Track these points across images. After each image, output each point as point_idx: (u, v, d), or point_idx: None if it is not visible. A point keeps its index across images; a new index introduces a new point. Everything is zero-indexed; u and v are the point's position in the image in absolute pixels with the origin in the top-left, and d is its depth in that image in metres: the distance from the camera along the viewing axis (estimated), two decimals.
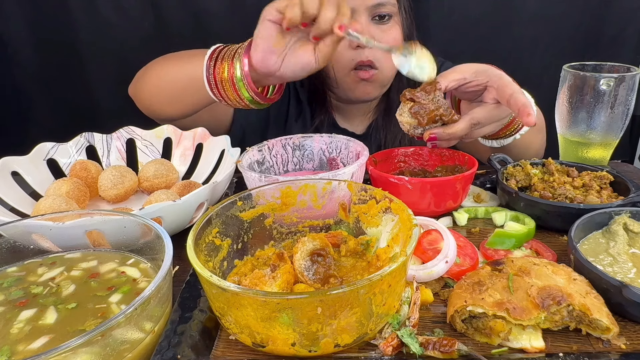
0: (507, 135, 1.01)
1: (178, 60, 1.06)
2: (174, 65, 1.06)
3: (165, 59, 1.11)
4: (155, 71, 1.11)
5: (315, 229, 0.78)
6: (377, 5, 1.13)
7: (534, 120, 0.79)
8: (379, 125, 1.34)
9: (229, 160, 0.99)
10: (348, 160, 1.00)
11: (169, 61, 1.09)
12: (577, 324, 0.59)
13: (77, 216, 0.71)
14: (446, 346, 0.56)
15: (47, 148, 1.04)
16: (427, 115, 0.84)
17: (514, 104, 0.81)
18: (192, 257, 0.57)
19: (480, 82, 0.88)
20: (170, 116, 1.13)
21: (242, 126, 1.31)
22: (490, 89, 0.87)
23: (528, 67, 1.70)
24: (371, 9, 1.13)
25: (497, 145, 1.04)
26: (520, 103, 0.80)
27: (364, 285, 0.51)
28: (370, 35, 1.11)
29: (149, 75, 1.13)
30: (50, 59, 1.60)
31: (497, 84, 0.85)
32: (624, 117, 1.03)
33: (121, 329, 0.52)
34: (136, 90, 1.16)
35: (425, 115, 0.85)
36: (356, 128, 1.38)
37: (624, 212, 0.76)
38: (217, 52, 0.94)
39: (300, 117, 1.36)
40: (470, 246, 0.76)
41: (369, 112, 1.37)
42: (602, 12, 1.64)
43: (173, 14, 1.57)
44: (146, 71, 1.14)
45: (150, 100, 1.12)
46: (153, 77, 1.11)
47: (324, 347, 0.54)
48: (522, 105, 0.80)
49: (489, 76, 0.87)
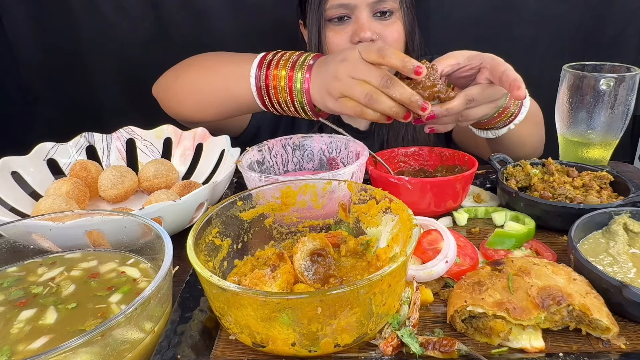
0: (501, 125, 1.00)
1: (215, 68, 1.04)
2: (211, 72, 1.04)
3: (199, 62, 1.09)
4: (190, 77, 1.09)
5: (315, 229, 0.78)
6: (378, 1, 1.13)
7: (524, 93, 0.81)
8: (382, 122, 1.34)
9: (229, 160, 0.99)
10: (348, 160, 1.00)
11: (204, 67, 1.07)
12: (577, 324, 0.59)
13: (77, 216, 0.71)
14: (446, 346, 0.56)
15: (47, 148, 1.04)
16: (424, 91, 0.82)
17: (505, 80, 0.83)
18: (192, 257, 0.57)
19: (474, 65, 0.89)
20: (201, 120, 1.12)
21: (257, 123, 1.31)
22: (483, 70, 0.88)
23: (528, 67, 1.69)
24: (372, 5, 1.14)
25: (492, 136, 1.04)
26: (512, 78, 0.82)
27: (364, 285, 0.51)
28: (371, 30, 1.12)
29: (181, 81, 1.11)
30: (51, 59, 1.61)
31: (490, 64, 0.87)
32: (624, 117, 1.03)
33: (121, 329, 0.52)
34: (165, 94, 1.15)
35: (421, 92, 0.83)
36: (359, 124, 1.38)
37: (624, 212, 0.76)
38: (268, 58, 0.94)
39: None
40: (470, 246, 0.76)
41: None
42: (602, 12, 1.64)
43: (174, 14, 1.57)
44: (178, 76, 1.12)
45: (182, 105, 1.11)
46: (186, 83, 1.09)
47: (324, 347, 0.54)
48: (513, 80, 0.82)
49: (482, 58, 0.88)
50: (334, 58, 0.86)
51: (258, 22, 1.57)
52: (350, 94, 0.83)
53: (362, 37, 1.12)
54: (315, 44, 1.19)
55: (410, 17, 1.22)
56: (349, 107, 0.84)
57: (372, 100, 0.81)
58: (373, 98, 0.80)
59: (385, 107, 0.81)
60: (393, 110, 0.81)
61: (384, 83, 0.80)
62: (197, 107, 1.09)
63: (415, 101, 0.80)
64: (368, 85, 0.81)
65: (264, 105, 0.97)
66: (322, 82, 0.87)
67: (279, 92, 0.92)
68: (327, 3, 1.15)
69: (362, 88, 0.81)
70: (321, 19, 1.17)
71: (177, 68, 1.13)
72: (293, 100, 0.92)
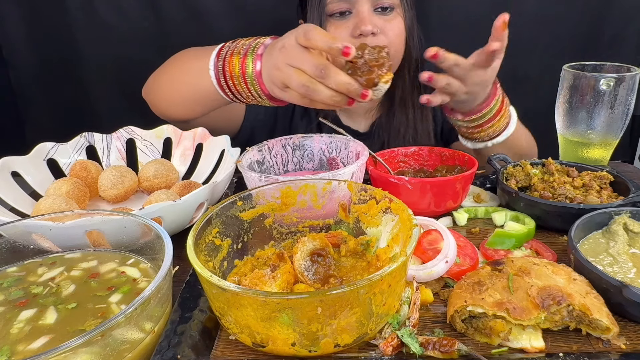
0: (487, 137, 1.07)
1: (187, 62, 1.04)
2: (181, 69, 1.04)
3: (175, 60, 1.10)
4: (167, 75, 1.10)
5: (315, 229, 0.78)
6: None
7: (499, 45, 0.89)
8: (382, 124, 1.34)
9: (229, 160, 0.99)
10: (348, 160, 1.00)
11: (179, 63, 1.08)
12: (577, 324, 0.59)
13: (77, 216, 0.71)
14: (446, 346, 0.56)
15: (47, 148, 1.04)
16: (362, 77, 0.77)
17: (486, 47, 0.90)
18: (192, 257, 0.57)
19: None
20: (186, 118, 1.12)
21: (252, 124, 1.31)
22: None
23: (528, 67, 1.70)
24: (373, 0, 1.14)
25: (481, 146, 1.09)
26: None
27: (364, 285, 0.51)
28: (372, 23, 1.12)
29: (160, 80, 1.12)
30: (50, 59, 1.60)
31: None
32: (624, 117, 1.03)
33: (121, 329, 0.52)
34: (150, 95, 1.16)
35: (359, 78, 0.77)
36: (359, 126, 1.38)
37: (624, 212, 0.76)
38: (225, 49, 0.92)
39: (305, 114, 1.36)
40: (470, 246, 0.76)
41: (371, 109, 1.37)
42: (602, 12, 1.64)
43: (173, 14, 1.56)
44: (158, 75, 1.13)
45: (166, 104, 1.12)
46: (162, 82, 1.11)
47: (324, 347, 0.54)
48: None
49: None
50: (276, 44, 0.82)
51: (258, 22, 1.57)
52: (289, 84, 0.79)
53: (363, 30, 1.12)
54: None
55: (411, 14, 1.23)
56: (294, 98, 0.81)
57: (309, 91, 0.77)
58: (310, 89, 0.77)
59: (324, 97, 0.77)
60: (333, 99, 0.78)
61: (319, 73, 0.75)
62: (173, 104, 1.10)
63: (353, 90, 0.76)
64: (304, 74, 0.77)
65: (227, 96, 0.96)
66: (267, 70, 0.84)
67: (235, 80, 0.90)
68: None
69: (299, 78, 0.77)
70: (322, 14, 1.17)
71: (159, 68, 1.14)
72: (249, 88, 0.90)
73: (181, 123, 1.15)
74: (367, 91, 0.77)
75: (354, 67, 0.77)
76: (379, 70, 0.77)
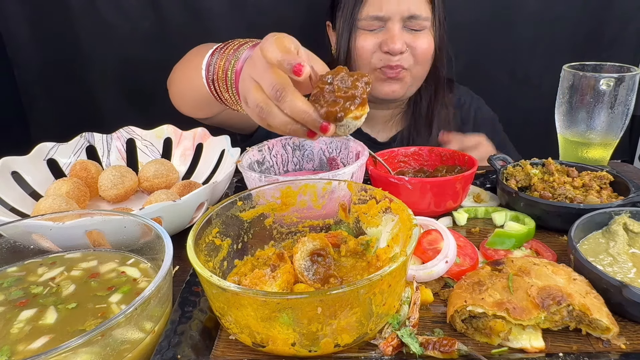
0: None
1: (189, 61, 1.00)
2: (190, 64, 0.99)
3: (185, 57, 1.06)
4: (176, 72, 1.08)
5: (315, 229, 0.78)
6: (411, 17, 1.15)
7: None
8: (403, 138, 1.34)
9: (229, 160, 0.99)
10: (348, 160, 1.00)
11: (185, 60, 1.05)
12: (577, 324, 0.59)
13: (77, 216, 0.71)
14: (446, 346, 0.56)
15: (47, 148, 1.04)
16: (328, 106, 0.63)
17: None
18: (192, 257, 0.57)
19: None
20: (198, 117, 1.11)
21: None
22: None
23: (528, 67, 1.70)
24: (405, 20, 1.15)
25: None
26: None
27: (364, 285, 0.51)
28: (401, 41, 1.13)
29: (173, 76, 1.10)
30: (50, 59, 1.60)
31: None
32: (624, 117, 1.03)
33: (121, 329, 0.52)
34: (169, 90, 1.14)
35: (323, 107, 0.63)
36: (377, 134, 1.37)
37: (624, 212, 0.76)
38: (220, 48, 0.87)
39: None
40: (470, 246, 0.77)
41: (391, 119, 1.36)
42: (602, 12, 1.64)
43: (173, 14, 1.57)
44: (174, 70, 1.11)
45: (178, 101, 1.11)
46: (174, 78, 1.09)
47: (324, 347, 0.54)
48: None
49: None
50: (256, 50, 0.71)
51: (258, 22, 1.57)
52: (247, 100, 0.69)
53: (391, 49, 1.13)
54: (345, 49, 1.19)
55: (441, 33, 1.22)
56: (253, 116, 0.70)
57: (263, 113, 0.66)
58: (264, 110, 0.65)
59: (279, 123, 0.65)
60: (289, 127, 0.65)
61: (274, 93, 0.63)
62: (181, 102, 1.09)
63: (310, 121, 0.63)
64: (261, 92, 0.66)
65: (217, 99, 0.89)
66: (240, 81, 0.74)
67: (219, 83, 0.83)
68: (360, 13, 1.15)
69: (255, 96, 0.66)
70: (353, 26, 1.17)
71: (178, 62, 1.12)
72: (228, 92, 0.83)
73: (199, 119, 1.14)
74: (327, 125, 0.63)
75: (320, 94, 0.64)
76: (346, 102, 0.63)
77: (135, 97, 1.66)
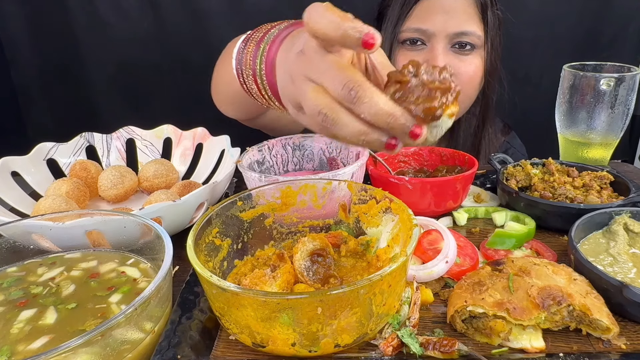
0: None
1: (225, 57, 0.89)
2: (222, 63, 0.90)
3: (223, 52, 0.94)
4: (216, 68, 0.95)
5: (315, 229, 0.78)
6: (460, 34, 1.07)
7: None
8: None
9: (229, 160, 0.99)
10: (348, 160, 1.00)
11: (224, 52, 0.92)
12: (577, 324, 0.59)
13: (77, 216, 0.71)
14: (446, 346, 0.56)
15: (47, 148, 1.04)
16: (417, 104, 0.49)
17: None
18: (192, 257, 0.57)
19: None
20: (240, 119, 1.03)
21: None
22: None
23: (528, 67, 1.70)
24: (452, 37, 1.07)
25: None
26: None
27: (364, 285, 0.51)
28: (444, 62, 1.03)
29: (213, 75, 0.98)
30: (49, 59, 1.60)
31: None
32: (624, 117, 1.03)
33: (121, 329, 0.52)
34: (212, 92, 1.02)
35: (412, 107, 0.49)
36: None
37: (624, 212, 0.75)
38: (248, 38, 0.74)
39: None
40: (470, 246, 0.76)
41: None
42: (602, 12, 1.64)
43: (172, 14, 1.57)
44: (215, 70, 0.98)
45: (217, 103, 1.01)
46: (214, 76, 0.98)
47: (324, 347, 0.54)
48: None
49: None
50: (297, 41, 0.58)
51: (258, 22, 1.57)
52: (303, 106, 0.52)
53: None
54: None
55: (493, 57, 1.13)
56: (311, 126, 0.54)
57: (327, 122, 0.49)
58: (329, 119, 0.49)
59: (350, 133, 0.49)
60: (362, 138, 0.49)
61: (346, 94, 0.47)
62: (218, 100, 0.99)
63: (399, 126, 0.47)
64: (324, 95, 0.49)
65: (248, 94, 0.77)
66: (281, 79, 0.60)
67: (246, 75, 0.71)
68: (403, 25, 1.09)
69: (315, 101, 0.50)
70: (394, 40, 1.10)
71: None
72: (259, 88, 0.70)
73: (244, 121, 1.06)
74: (420, 128, 0.48)
75: (403, 90, 0.50)
76: (443, 97, 0.49)
77: (135, 97, 1.66)
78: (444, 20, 1.06)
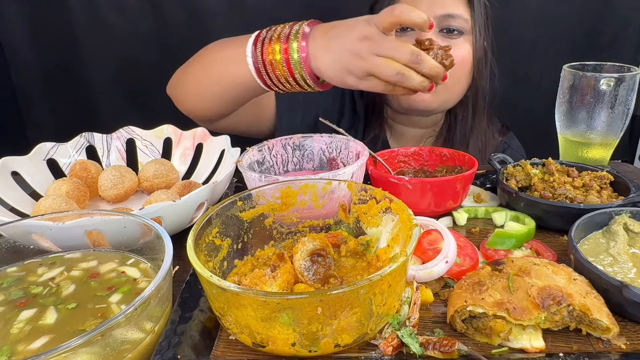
0: None
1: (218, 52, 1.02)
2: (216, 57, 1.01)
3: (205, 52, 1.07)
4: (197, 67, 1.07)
5: (315, 229, 0.78)
6: (446, 16, 1.09)
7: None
8: None
9: (229, 160, 0.99)
10: (348, 160, 1.00)
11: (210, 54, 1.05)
12: (577, 324, 0.59)
13: (77, 216, 0.71)
14: (446, 346, 0.56)
15: (47, 148, 1.04)
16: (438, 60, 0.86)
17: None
18: (192, 257, 0.57)
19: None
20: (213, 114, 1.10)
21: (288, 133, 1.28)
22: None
23: (528, 67, 1.70)
24: (439, 19, 1.09)
25: None
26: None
27: (364, 285, 0.51)
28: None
29: (189, 73, 1.09)
30: (49, 59, 1.60)
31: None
32: (624, 117, 1.03)
33: (121, 329, 0.52)
34: (176, 90, 1.12)
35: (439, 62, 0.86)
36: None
37: (624, 212, 0.76)
38: (262, 35, 0.91)
39: (352, 128, 1.31)
40: (470, 246, 0.76)
41: (421, 140, 1.33)
42: (602, 12, 1.64)
43: (173, 14, 1.57)
44: (186, 69, 1.10)
45: (194, 98, 1.09)
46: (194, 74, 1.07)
47: (324, 347, 0.54)
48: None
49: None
50: (347, 32, 0.83)
51: (258, 22, 1.57)
52: (378, 73, 0.82)
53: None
54: None
55: (481, 43, 1.16)
56: (377, 86, 0.84)
57: (403, 78, 0.81)
58: (405, 76, 0.81)
59: (416, 84, 0.82)
60: (422, 85, 0.83)
61: (415, 59, 0.80)
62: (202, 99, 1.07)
63: (439, 73, 0.83)
64: (396, 63, 0.81)
65: (265, 85, 0.94)
66: (339, 58, 0.84)
67: (276, 67, 0.89)
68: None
69: (392, 67, 0.80)
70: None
71: (186, 63, 1.11)
72: (292, 74, 0.89)
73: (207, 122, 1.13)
74: (446, 75, 0.86)
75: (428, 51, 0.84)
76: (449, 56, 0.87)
77: (135, 97, 1.66)
78: (431, 4, 1.10)
